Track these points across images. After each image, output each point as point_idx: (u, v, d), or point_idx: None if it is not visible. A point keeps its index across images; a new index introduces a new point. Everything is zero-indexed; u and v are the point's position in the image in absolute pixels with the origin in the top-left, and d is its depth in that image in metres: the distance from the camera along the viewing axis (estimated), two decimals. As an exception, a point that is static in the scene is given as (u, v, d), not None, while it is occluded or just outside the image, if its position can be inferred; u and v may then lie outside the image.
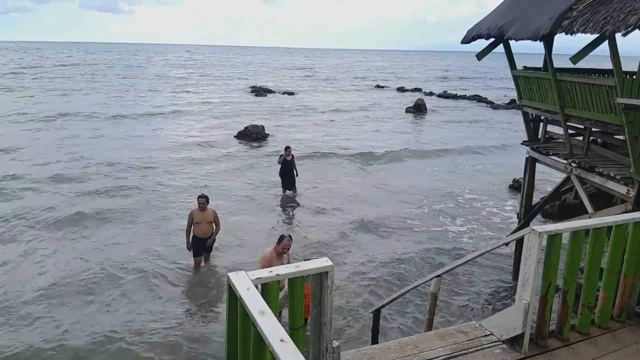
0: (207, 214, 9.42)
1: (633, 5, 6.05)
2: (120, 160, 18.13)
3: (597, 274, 4.10)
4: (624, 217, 4.23)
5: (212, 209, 9.63)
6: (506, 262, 10.65)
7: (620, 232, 4.12)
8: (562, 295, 4.02)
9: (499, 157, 21.53)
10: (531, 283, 3.71)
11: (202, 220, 9.36)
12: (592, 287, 4.14)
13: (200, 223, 9.37)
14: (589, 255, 4.02)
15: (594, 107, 7.54)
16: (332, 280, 2.98)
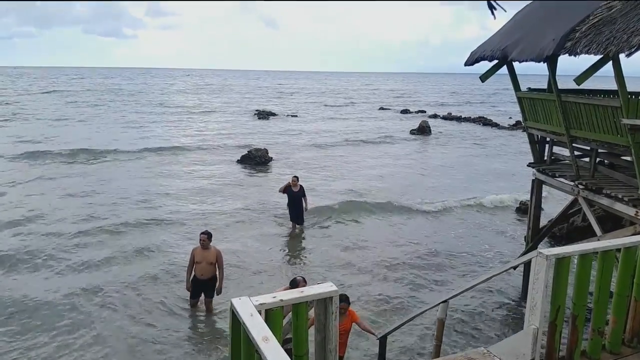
0: (208, 253, 8.58)
1: (636, 26, 6.07)
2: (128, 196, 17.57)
3: (607, 298, 4.02)
4: (633, 240, 4.16)
5: (215, 249, 8.75)
6: (514, 286, 10.49)
7: (629, 254, 4.05)
8: (571, 320, 3.93)
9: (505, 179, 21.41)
10: (540, 308, 3.64)
11: (202, 259, 8.55)
12: (602, 312, 4.05)
13: (201, 263, 8.55)
14: (598, 279, 3.95)
15: (599, 128, 7.52)
16: (337, 305, 2.94)
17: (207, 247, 8.54)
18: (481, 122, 43.53)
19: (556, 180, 9.21)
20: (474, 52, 10.08)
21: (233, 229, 13.84)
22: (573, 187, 8.53)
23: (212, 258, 8.54)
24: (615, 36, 6.24)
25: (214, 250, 8.65)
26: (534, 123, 9.77)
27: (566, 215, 10.71)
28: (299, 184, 13.46)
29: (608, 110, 7.20)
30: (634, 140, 6.65)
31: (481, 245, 13.13)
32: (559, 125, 8.51)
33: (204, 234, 8.64)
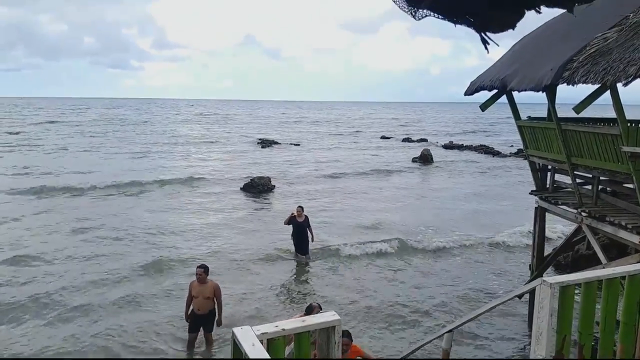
0: (205, 287, 8.29)
1: (632, 56, 6.18)
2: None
3: (613, 327, 3.96)
4: (638, 267, 4.13)
5: (213, 283, 8.50)
6: (521, 314, 10.36)
7: (634, 282, 4.01)
8: (578, 349, 3.87)
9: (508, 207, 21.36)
10: (545, 337, 3.59)
11: (199, 294, 8.28)
12: (610, 341, 3.99)
13: (198, 297, 8.29)
14: (604, 307, 3.91)
15: (600, 156, 7.56)
16: (340, 335, 2.92)
17: (203, 281, 8.27)
18: (483, 150, 43.67)
19: (559, 207, 9.20)
20: (474, 82, 10.24)
21: (235, 260, 13.53)
22: (576, 214, 8.51)
23: (208, 292, 8.26)
24: (612, 66, 6.34)
25: (211, 285, 8.38)
26: (535, 151, 9.83)
27: (571, 243, 10.64)
28: (303, 214, 13.26)
29: (608, 138, 7.26)
30: (635, 168, 6.68)
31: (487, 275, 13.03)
32: (560, 153, 8.55)
33: (200, 267, 8.38)
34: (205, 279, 8.28)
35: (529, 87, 8.04)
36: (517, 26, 2.08)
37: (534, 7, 1.92)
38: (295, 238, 13.38)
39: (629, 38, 6.59)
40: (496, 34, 2.07)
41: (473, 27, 1.97)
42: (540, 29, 10.52)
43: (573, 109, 6.77)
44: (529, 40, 10.21)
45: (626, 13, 7.16)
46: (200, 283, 8.27)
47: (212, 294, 8.30)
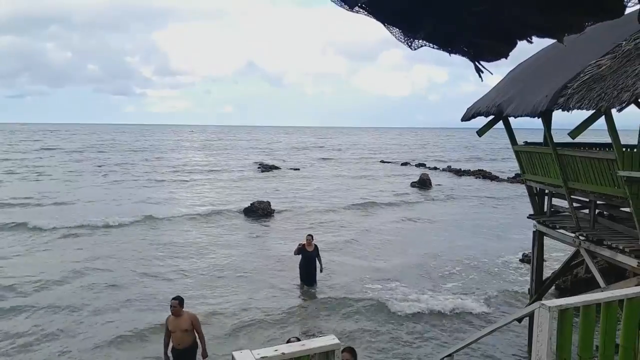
0: (181, 320, 7.69)
1: (625, 83, 6.30)
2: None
3: (612, 350, 3.96)
4: (636, 290, 4.15)
5: (189, 314, 7.87)
6: (520, 338, 10.29)
7: (633, 305, 4.03)
8: (578, 373, 3.87)
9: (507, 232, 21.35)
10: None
11: (175, 328, 7.68)
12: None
13: (175, 332, 7.68)
14: (603, 331, 3.92)
15: (596, 180, 7.64)
16: (340, 359, 2.92)
17: (179, 313, 7.68)
18: (481, 175, 43.81)
19: (557, 232, 9.24)
20: (470, 108, 10.40)
21: (235, 289, 13.27)
22: (574, 238, 8.55)
23: (186, 325, 7.67)
24: (606, 92, 6.46)
25: (188, 316, 7.78)
26: (532, 176, 9.91)
27: (569, 266, 10.64)
28: (313, 243, 12.80)
29: (604, 162, 7.34)
30: (631, 192, 6.74)
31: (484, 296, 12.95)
32: (557, 177, 8.63)
33: (175, 299, 7.75)
34: (180, 311, 7.67)
35: (525, 113, 8.17)
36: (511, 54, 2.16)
37: (525, 37, 2.00)
38: (303, 268, 12.84)
39: (622, 65, 6.73)
40: (490, 63, 2.14)
41: (467, 56, 2.05)
42: (535, 56, 10.73)
43: (569, 134, 6.87)
44: (525, 68, 10.41)
45: (619, 41, 7.33)
46: (176, 316, 7.67)
47: (190, 325, 7.72)
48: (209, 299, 12.43)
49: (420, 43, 2.02)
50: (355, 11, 1.82)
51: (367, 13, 1.87)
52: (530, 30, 1.94)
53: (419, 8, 1.90)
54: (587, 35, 8.03)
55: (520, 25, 1.89)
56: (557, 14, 1.69)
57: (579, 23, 1.69)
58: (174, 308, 7.64)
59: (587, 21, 1.68)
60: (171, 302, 7.73)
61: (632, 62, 6.60)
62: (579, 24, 1.69)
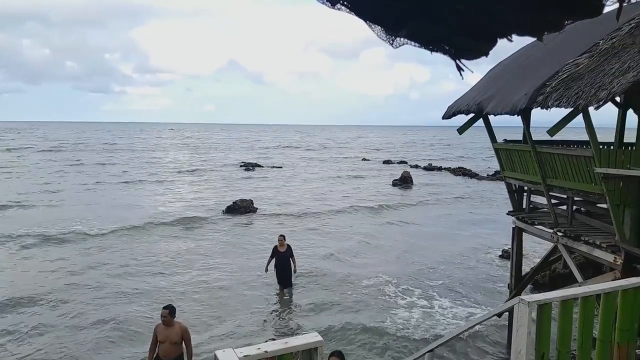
0: (171, 331, 7.34)
1: (602, 81, 6.42)
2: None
3: (590, 344, 4.04)
4: (612, 285, 4.24)
5: (180, 325, 7.55)
6: (501, 332, 10.45)
7: (609, 300, 4.12)
8: (556, 367, 3.94)
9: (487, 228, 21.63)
10: (524, 355, 3.65)
11: (165, 339, 7.32)
12: (587, 358, 4.07)
13: (164, 342, 7.32)
14: (580, 325, 3.99)
15: (574, 177, 7.77)
16: (323, 356, 2.92)
17: (170, 324, 7.36)
18: (461, 172, 44.32)
19: (535, 228, 9.38)
20: (451, 106, 10.49)
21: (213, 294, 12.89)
22: (552, 234, 8.69)
23: (176, 337, 7.34)
24: (584, 90, 6.57)
25: (179, 327, 7.44)
26: (511, 173, 10.04)
27: (547, 262, 10.81)
28: (285, 243, 12.65)
29: (581, 159, 7.47)
30: (608, 188, 6.87)
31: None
32: (536, 174, 8.76)
33: (166, 308, 7.41)
34: (171, 321, 7.36)
35: (505, 111, 8.26)
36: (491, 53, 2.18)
37: (506, 35, 2.02)
38: (278, 269, 12.64)
39: (599, 64, 6.85)
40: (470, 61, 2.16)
41: (448, 54, 2.06)
42: (515, 55, 10.87)
43: (547, 132, 6.97)
44: (504, 66, 10.54)
45: (596, 40, 7.46)
46: (166, 326, 7.35)
47: (180, 338, 7.39)
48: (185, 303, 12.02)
49: (402, 41, 2.02)
50: (337, 8, 1.81)
51: (349, 10, 1.86)
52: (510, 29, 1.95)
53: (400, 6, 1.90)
54: (565, 35, 8.18)
55: (501, 23, 1.90)
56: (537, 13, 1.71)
57: (559, 22, 1.70)
58: (164, 318, 7.30)
59: (566, 20, 1.70)
60: (162, 311, 7.41)
61: (609, 60, 6.73)
62: (558, 23, 1.71)
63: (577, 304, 3.98)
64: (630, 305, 4.17)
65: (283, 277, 12.75)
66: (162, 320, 7.35)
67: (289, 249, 12.70)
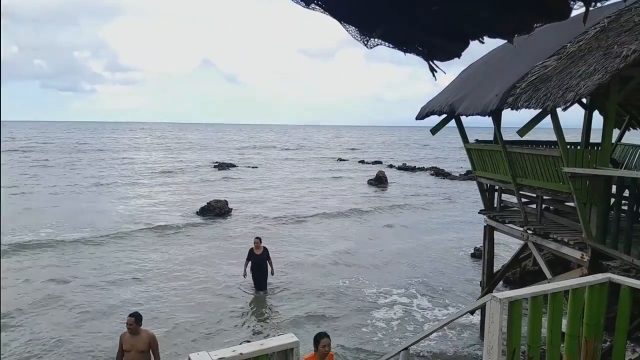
0: (138, 339, 6.95)
1: (569, 83, 6.60)
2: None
3: (559, 339, 4.14)
4: (580, 281, 4.35)
5: (147, 333, 7.15)
6: (474, 330, 10.63)
7: (577, 296, 4.23)
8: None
9: (459, 226, 21.97)
10: (496, 351, 3.72)
11: (131, 347, 6.92)
12: (556, 353, 4.17)
13: (130, 351, 6.93)
14: (549, 320, 4.08)
15: (543, 176, 7.96)
16: (298, 357, 2.92)
17: (136, 332, 6.97)
18: (434, 171, 44.94)
19: (506, 226, 9.57)
20: (424, 107, 10.64)
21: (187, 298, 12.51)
22: (522, 232, 8.88)
23: (142, 345, 6.96)
24: (552, 92, 6.74)
25: (146, 335, 7.05)
26: (482, 172, 10.22)
27: (518, 259, 11.05)
28: (262, 246, 12.42)
29: (550, 159, 7.66)
30: (575, 187, 7.07)
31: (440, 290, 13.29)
32: (506, 174, 8.94)
33: (132, 316, 7.02)
34: (137, 329, 6.97)
35: (476, 112, 8.41)
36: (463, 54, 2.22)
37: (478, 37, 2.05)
38: (254, 272, 12.43)
39: (566, 66, 7.04)
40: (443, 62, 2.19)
41: (422, 55, 2.09)
42: (486, 57, 11.09)
43: (517, 132, 7.13)
44: (476, 68, 10.74)
45: (564, 43, 7.66)
46: (132, 334, 6.96)
47: (147, 346, 6.99)
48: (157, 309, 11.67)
49: (376, 42, 2.04)
50: (311, 8, 1.82)
51: (323, 11, 1.87)
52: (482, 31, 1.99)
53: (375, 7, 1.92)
54: (535, 37, 8.37)
55: (473, 25, 1.93)
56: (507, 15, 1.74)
57: (528, 24, 1.75)
58: (130, 326, 6.93)
59: (535, 23, 1.74)
60: (127, 319, 7.04)
61: (575, 63, 6.92)
62: (528, 26, 1.75)
63: (547, 300, 4.08)
64: (596, 300, 4.29)
65: (259, 279, 12.56)
66: (128, 328, 6.97)
67: (265, 251, 12.46)
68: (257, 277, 12.54)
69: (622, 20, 7.19)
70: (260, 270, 12.44)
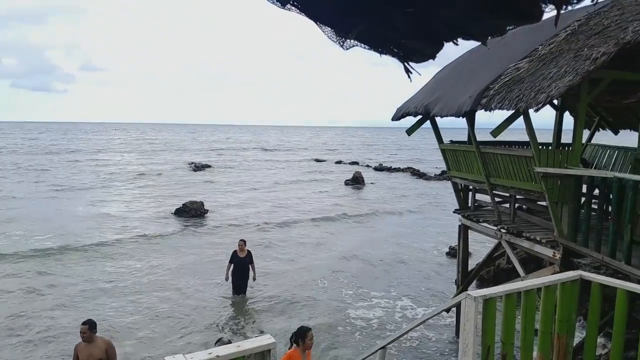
0: (94, 348, 6.61)
1: (541, 84, 6.74)
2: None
3: (532, 336, 4.22)
4: (552, 279, 4.44)
5: (104, 340, 6.81)
6: (450, 328, 10.76)
7: (549, 293, 4.32)
8: (501, 359, 4.08)
9: (435, 225, 22.21)
10: (471, 348, 3.77)
11: (88, 357, 6.60)
12: (529, 349, 4.25)
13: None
14: (523, 318, 4.16)
15: (516, 176, 8.11)
16: (276, 358, 2.91)
17: (90, 340, 6.62)
18: (410, 172, 45.39)
19: (480, 225, 9.72)
20: (400, 108, 10.73)
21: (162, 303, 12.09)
22: (496, 231, 9.03)
23: (99, 353, 6.61)
24: (524, 93, 6.87)
25: (102, 343, 6.71)
26: (457, 172, 10.36)
27: (492, 258, 11.23)
28: (246, 249, 12.04)
29: (522, 159, 7.81)
30: (547, 187, 7.22)
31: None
32: (480, 174, 9.08)
33: (85, 324, 6.67)
34: (92, 337, 6.63)
35: (450, 113, 8.52)
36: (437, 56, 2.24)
37: (452, 39, 2.07)
38: (235, 275, 11.98)
39: (538, 68, 7.19)
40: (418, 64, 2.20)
41: (397, 57, 2.10)
42: (460, 58, 11.24)
43: (491, 133, 7.24)
44: (450, 69, 10.87)
45: (536, 45, 7.83)
46: (87, 343, 6.63)
47: (104, 354, 6.65)
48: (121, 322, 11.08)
49: (352, 43, 2.04)
50: (287, 9, 1.81)
51: (299, 11, 1.86)
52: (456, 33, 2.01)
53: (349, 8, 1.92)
54: (507, 40, 8.53)
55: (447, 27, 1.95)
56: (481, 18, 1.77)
57: (501, 27, 1.77)
58: (83, 334, 6.59)
59: (508, 25, 1.77)
60: (80, 327, 6.67)
61: (547, 65, 7.07)
62: (501, 28, 1.78)
63: (520, 298, 4.15)
64: (568, 297, 4.39)
65: (240, 283, 12.13)
66: (82, 336, 6.62)
67: (249, 255, 12.07)
68: (237, 281, 12.12)
69: (591, 23, 7.38)
70: (242, 274, 12.06)
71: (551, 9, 1.66)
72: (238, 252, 11.95)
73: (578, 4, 1.65)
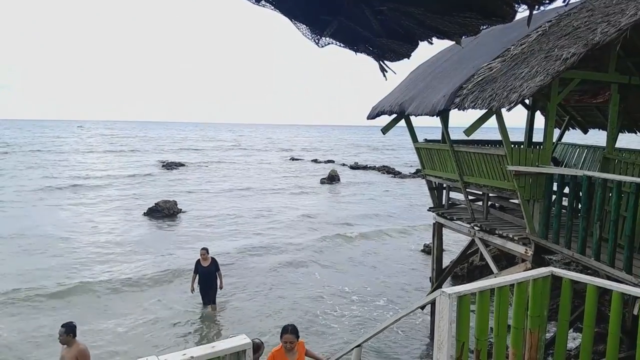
0: (68, 352, 6.58)
1: (513, 84, 6.85)
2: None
3: (505, 331, 4.29)
4: (524, 275, 4.52)
5: (78, 346, 6.62)
6: (425, 325, 10.88)
7: (521, 289, 4.39)
8: (475, 355, 4.14)
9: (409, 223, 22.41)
10: (446, 345, 3.80)
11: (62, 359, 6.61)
12: (502, 345, 4.31)
13: None
14: (496, 314, 4.22)
15: (488, 174, 8.23)
16: (251, 358, 2.89)
17: (65, 343, 6.60)
18: (385, 170, 45.74)
19: (454, 223, 9.84)
20: (375, 106, 10.78)
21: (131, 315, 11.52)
22: (469, 229, 9.16)
23: (70, 358, 6.52)
24: (497, 93, 6.97)
25: (76, 349, 6.58)
26: (431, 171, 10.46)
27: (466, 255, 11.39)
28: (209, 257, 11.45)
29: (495, 158, 7.93)
30: (519, 185, 7.35)
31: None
32: (454, 172, 9.19)
33: (63, 326, 6.65)
34: (67, 340, 6.61)
35: (425, 113, 8.58)
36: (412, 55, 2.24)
37: (427, 38, 2.08)
38: (201, 285, 11.42)
39: (510, 68, 7.31)
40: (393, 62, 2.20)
41: (372, 55, 2.09)
42: (434, 57, 11.35)
43: (464, 132, 7.32)
44: (424, 68, 10.97)
45: (508, 45, 7.95)
46: (64, 345, 6.62)
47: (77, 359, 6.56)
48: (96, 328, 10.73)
49: (327, 41, 2.03)
50: (261, 5, 1.79)
51: (274, 8, 1.84)
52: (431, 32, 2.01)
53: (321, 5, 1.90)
54: (480, 39, 8.65)
55: (422, 27, 1.95)
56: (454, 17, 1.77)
57: (475, 26, 1.79)
58: (59, 337, 6.58)
59: (481, 25, 1.79)
60: (59, 329, 6.65)
61: (519, 65, 7.19)
62: (474, 27, 1.79)
63: (493, 294, 4.21)
64: (540, 293, 4.48)
65: (207, 294, 11.53)
66: (60, 340, 6.60)
67: (213, 263, 11.46)
68: (204, 291, 11.50)
69: (562, 24, 7.53)
70: (209, 284, 11.44)
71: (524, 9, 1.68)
72: (201, 261, 11.35)
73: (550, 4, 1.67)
